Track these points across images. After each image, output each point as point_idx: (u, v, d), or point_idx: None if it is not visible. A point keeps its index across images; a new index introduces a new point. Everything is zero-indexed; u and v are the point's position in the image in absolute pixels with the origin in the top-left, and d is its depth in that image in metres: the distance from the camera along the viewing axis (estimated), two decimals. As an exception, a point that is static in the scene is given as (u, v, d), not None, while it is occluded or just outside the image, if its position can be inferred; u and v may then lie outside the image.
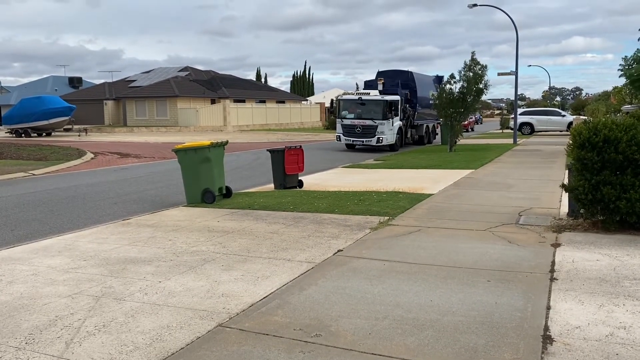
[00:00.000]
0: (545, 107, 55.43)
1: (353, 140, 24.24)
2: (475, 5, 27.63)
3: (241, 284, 5.21)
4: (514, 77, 28.70)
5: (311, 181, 12.78)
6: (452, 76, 22.33)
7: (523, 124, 35.76)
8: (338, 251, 6.33)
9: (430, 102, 27.15)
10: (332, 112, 26.25)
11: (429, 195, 10.32)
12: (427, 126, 29.31)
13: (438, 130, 30.01)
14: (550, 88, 79.02)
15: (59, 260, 6.13)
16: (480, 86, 22.11)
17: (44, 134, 38.94)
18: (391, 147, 24.23)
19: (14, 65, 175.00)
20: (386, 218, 8.12)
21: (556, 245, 6.47)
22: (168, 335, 4.02)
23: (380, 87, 25.40)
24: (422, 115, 28.08)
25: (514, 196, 10.20)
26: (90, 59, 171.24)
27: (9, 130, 39.14)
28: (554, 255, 6.01)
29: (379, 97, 24.11)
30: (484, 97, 25.48)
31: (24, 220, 9.03)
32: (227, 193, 10.41)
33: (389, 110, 23.72)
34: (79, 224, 8.59)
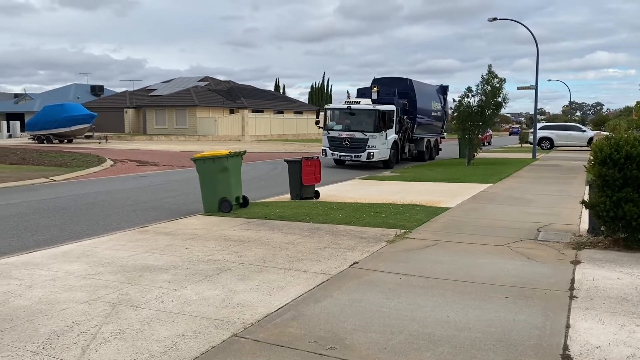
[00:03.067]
0: (565, 121, 54.92)
1: (340, 155, 21.21)
2: (495, 19, 27.55)
3: (256, 294, 5.20)
4: (533, 91, 28.48)
5: (327, 192, 12.77)
6: (469, 89, 22.20)
7: (542, 138, 35.43)
8: (354, 263, 6.30)
9: (433, 113, 25.94)
10: (318, 123, 22.40)
11: (447, 208, 10.24)
12: (429, 140, 26.24)
13: (442, 146, 28.35)
14: (570, 103, 78.33)
15: (77, 266, 6.19)
16: (499, 99, 21.96)
17: (66, 140, 39.55)
18: (384, 164, 21.30)
19: (40, 73, 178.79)
20: (403, 231, 8.07)
21: (576, 262, 6.37)
22: (183, 344, 4.02)
23: (374, 95, 22.26)
24: (422, 128, 25.20)
25: (533, 211, 10.08)
26: (114, 68, 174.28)
27: (32, 137, 39.86)
28: (573, 273, 5.92)
29: (371, 107, 20.99)
30: (502, 111, 25.34)
31: (43, 225, 9.15)
32: (244, 202, 10.45)
33: (382, 121, 20.75)
34: (97, 230, 8.68)
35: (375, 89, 22.41)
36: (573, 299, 5.06)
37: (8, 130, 49.55)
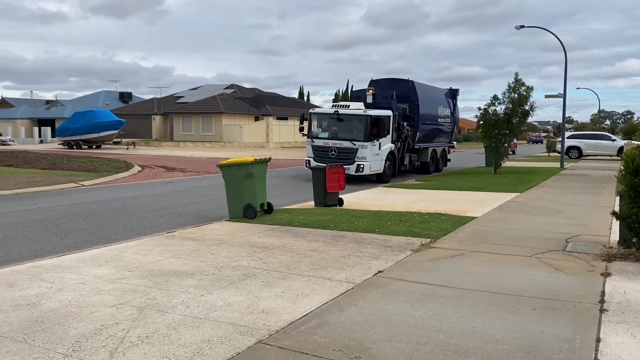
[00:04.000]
0: (594, 130, 53.89)
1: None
2: (522, 26, 27.26)
3: (281, 301, 5.22)
4: (562, 99, 28.06)
5: (351, 200, 12.76)
6: (495, 97, 21.93)
7: (571, 147, 34.83)
8: (378, 272, 6.27)
9: (440, 120, 23.28)
10: (302, 130, 19.42)
11: (473, 218, 10.13)
12: (434, 150, 23.22)
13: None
14: (599, 111, 76.83)
15: (105, 270, 6.30)
16: (526, 108, 21.67)
17: (95, 146, 40.36)
18: (378, 178, 18.52)
19: (71, 80, 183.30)
20: (428, 240, 8.01)
21: (606, 274, 6.23)
22: (209, 349, 4.06)
23: (369, 98, 19.72)
24: (427, 137, 22.22)
25: (561, 222, 9.90)
26: (143, 75, 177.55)
27: (62, 142, 40.78)
28: (604, 285, 5.79)
29: (361, 112, 18.20)
30: (530, 119, 24.96)
31: (73, 229, 9.34)
32: (268, 209, 10.51)
33: (374, 128, 17.93)
34: (125, 235, 8.82)
35: (370, 91, 19.90)
36: (603, 312, 4.95)
37: (39, 136, 50.84)
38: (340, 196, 12.16)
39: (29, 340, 4.19)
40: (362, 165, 17.55)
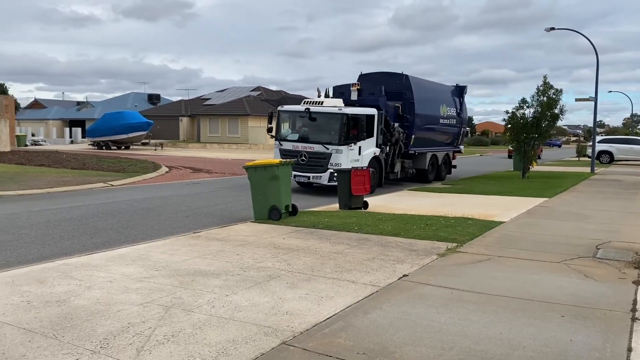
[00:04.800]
0: (626, 135, 52.62)
1: (295, 175, 14.79)
2: (552, 28, 26.80)
3: (305, 302, 5.22)
4: (592, 103, 27.49)
5: (376, 203, 12.70)
6: (523, 100, 21.59)
7: (602, 152, 34.04)
8: (403, 276, 6.22)
9: (442, 120, 20.18)
10: (270, 131, 16.46)
11: (500, 223, 9.99)
12: (434, 156, 20.12)
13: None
14: (632, 115, 74.97)
15: (132, 269, 6.40)
16: (556, 111, 21.29)
17: (123, 147, 41.06)
18: None
19: (101, 81, 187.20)
20: (454, 244, 7.92)
21: (638, 282, 6.07)
22: (233, 349, 4.08)
23: (354, 95, 16.96)
24: (425, 140, 19.13)
25: (591, 228, 9.69)
26: (172, 77, 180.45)
27: (92, 143, 41.61)
28: (635, 294, 5.64)
29: (335, 110, 15.06)
30: (559, 123, 24.44)
31: (102, 228, 9.51)
32: (293, 211, 10.53)
33: (352, 130, 15.04)
34: (152, 234, 8.95)
35: (355, 86, 17.09)
36: (635, 320, 4.82)
37: (70, 136, 51.96)
38: (365, 199, 12.13)
39: (58, 336, 4.28)
40: (336, 174, 13.46)
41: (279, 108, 16.43)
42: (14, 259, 7.22)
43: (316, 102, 15.82)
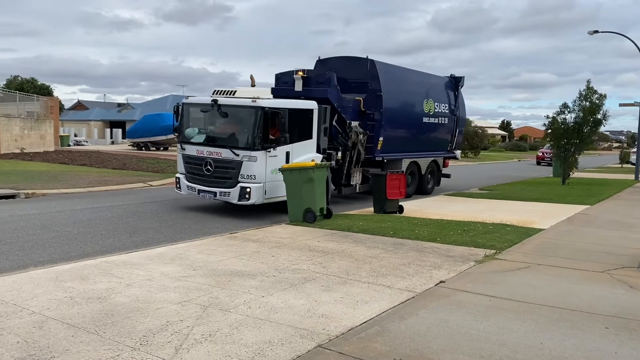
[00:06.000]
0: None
1: (199, 190, 11.48)
2: (596, 31, 26.08)
3: (340, 306, 5.21)
4: (638, 108, 26.61)
5: (411, 207, 12.59)
6: (565, 105, 21.08)
7: (646, 159, 32.85)
8: (440, 282, 6.14)
9: (427, 119, 16.21)
10: (176, 132, 12.76)
11: (540, 230, 9.76)
12: (415, 163, 16.01)
13: (446, 169, 17.91)
14: (679, 121, 72.15)
15: (171, 267, 6.51)
16: (598, 116, 20.70)
17: (162, 148, 41.86)
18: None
19: (141, 84, 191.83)
20: (492, 251, 7.78)
21: (687, 295, 5.83)
22: (270, 350, 4.10)
23: (298, 85, 13.13)
24: (400, 143, 15.12)
25: (636, 237, 9.36)
26: (210, 80, 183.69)
27: (132, 144, 42.61)
28: (684, 307, 5.42)
29: (247, 102, 11.15)
30: (602, 128, 23.73)
31: (141, 227, 9.71)
32: (328, 214, 10.54)
33: (273, 129, 11.01)
34: (190, 234, 9.09)
35: (299, 74, 13.15)
36: (685, 335, 4.63)
37: (111, 137, 53.37)
38: (400, 203, 12.04)
39: (100, 332, 4.38)
40: (248, 189, 10.73)
41: (184, 100, 12.51)
42: (58, 255, 7.45)
43: (228, 91, 12.06)
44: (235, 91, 11.97)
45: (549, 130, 21.62)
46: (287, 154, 11.36)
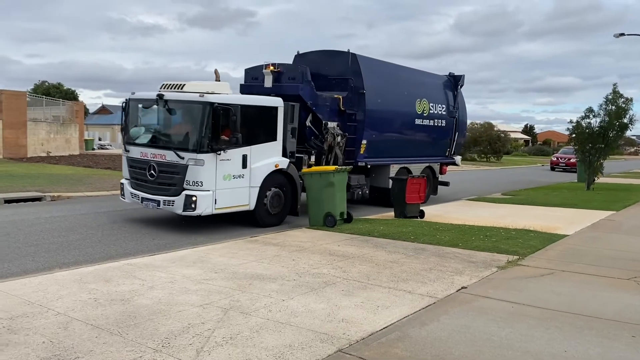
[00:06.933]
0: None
1: (142, 198, 10.09)
2: (622, 34, 25.62)
3: (361, 311, 5.19)
4: (665, 112, 26.05)
5: (433, 212, 12.50)
6: (590, 110, 20.76)
7: (674, 164, 32.14)
8: (462, 288, 6.09)
9: (419, 121, 14.63)
10: (122, 130, 11.22)
11: (564, 236, 9.60)
12: (406, 170, 14.14)
13: (443, 176, 16.24)
14: None
15: (192, 270, 6.56)
16: (624, 121, 20.34)
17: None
18: (254, 217, 10.38)
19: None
20: (515, 257, 7.68)
21: None
22: (290, 354, 4.10)
23: (268, 81, 11.94)
24: (388, 147, 13.70)
25: (664, 244, 9.16)
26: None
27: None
28: None
29: (194, 97, 9.67)
30: (628, 133, 23.29)
31: (163, 230, 9.81)
32: (348, 218, 10.52)
33: (225, 128, 9.58)
34: (211, 237, 9.15)
35: (269, 68, 11.96)
36: None
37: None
38: (421, 208, 11.97)
39: (123, 333, 4.44)
40: (194, 198, 9.35)
41: (130, 95, 11.02)
42: (82, 257, 7.57)
43: (176, 85, 10.30)
44: (185, 84, 10.20)
45: (573, 135, 21.33)
46: (244, 157, 9.92)
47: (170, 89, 10.21)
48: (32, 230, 9.28)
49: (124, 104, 11.08)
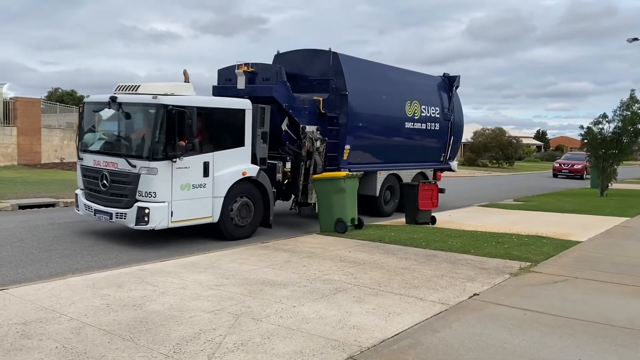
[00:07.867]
0: None
1: (95, 210, 9.25)
2: (635, 39, 25.40)
3: (372, 317, 5.18)
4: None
5: (444, 218, 12.44)
6: (604, 115, 20.61)
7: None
8: (474, 295, 6.04)
9: (410, 124, 13.66)
10: (78, 136, 10.14)
11: (577, 242, 9.51)
12: (396, 176, 13.63)
13: (436, 180, 14.76)
14: None
15: (204, 276, 6.58)
16: (639, 126, 20.14)
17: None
18: (216, 231, 9.59)
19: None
20: (528, 264, 7.62)
21: None
22: (301, 361, 4.10)
23: (241, 82, 11.11)
24: (375, 153, 12.94)
25: (680, 251, 9.03)
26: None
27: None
28: None
29: (146, 99, 8.90)
30: (641, 139, 23.05)
31: (174, 236, 9.85)
32: (359, 224, 10.50)
33: (181, 133, 8.69)
34: (222, 243, 9.17)
35: (242, 68, 11.13)
36: None
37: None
38: (433, 214, 11.92)
39: (135, 339, 4.46)
40: (147, 210, 8.54)
41: (85, 98, 10.24)
42: (95, 263, 7.63)
43: (130, 87, 9.57)
44: (139, 86, 9.41)
45: (585, 141, 21.17)
46: (205, 165, 9.07)
47: (125, 90, 9.50)
48: (46, 236, 9.37)
49: (80, 108, 10.47)
